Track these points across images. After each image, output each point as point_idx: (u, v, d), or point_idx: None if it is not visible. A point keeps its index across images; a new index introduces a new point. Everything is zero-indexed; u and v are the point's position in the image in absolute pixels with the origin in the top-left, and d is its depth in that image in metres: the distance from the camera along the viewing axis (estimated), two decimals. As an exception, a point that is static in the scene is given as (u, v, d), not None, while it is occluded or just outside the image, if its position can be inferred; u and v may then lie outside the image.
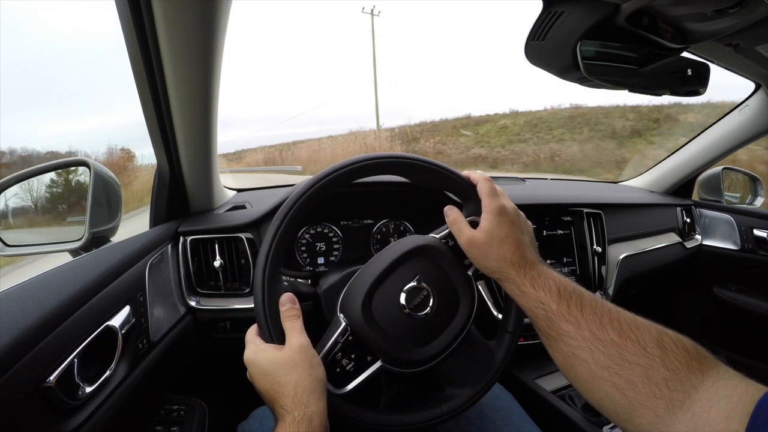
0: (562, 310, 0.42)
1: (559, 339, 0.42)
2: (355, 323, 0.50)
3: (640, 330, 0.38)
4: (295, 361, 0.43)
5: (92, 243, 0.71)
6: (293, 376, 0.42)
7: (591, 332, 0.40)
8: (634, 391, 0.35)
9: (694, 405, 0.33)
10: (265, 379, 0.44)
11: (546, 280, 0.45)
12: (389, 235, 0.97)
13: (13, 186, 0.74)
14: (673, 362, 0.35)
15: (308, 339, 0.45)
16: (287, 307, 0.47)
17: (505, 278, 0.47)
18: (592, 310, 0.42)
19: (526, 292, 0.45)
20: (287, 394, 0.41)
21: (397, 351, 0.49)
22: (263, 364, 0.44)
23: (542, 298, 0.44)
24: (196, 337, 0.78)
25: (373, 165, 0.50)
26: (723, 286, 1.32)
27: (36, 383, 0.41)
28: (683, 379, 0.34)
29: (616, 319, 0.40)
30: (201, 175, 0.81)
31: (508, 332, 0.56)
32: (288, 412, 0.40)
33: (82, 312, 0.49)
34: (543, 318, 0.43)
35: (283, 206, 0.48)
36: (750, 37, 0.71)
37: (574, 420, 0.76)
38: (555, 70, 0.60)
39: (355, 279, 0.54)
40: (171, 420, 0.69)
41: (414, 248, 0.53)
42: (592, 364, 0.39)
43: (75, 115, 68.52)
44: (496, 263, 0.48)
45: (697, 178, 1.39)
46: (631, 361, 0.37)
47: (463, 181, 0.53)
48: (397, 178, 0.53)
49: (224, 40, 0.57)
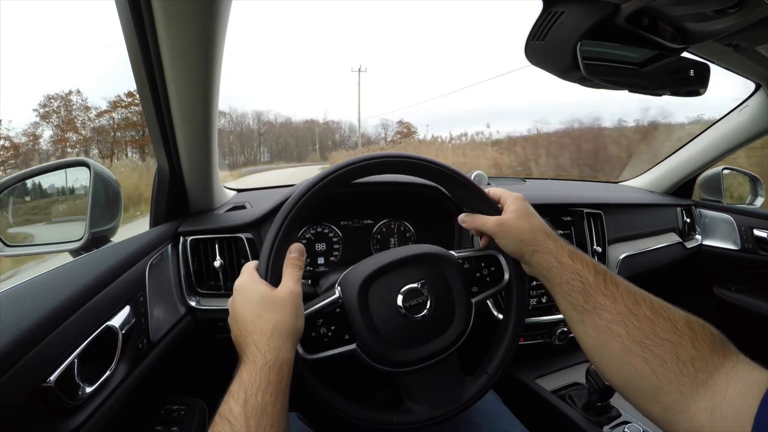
0: (599, 283, 0.43)
1: (595, 312, 0.42)
2: (348, 299, 0.50)
3: (670, 310, 0.40)
4: (283, 303, 0.43)
5: (92, 243, 0.71)
6: (276, 316, 0.42)
7: (626, 306, 0.41)
8: (663, 367, 0.36)
9: (715, 385, 0.34)
10: (247, 309, 0.43)
11: (582, 255, 0.47)
12: (389, 235, 0.96)
13: (13, 186, 0.74)
14: (700, 342, 0.36)
15: (301, 290, 0.46)
16: (294, 255, 0.48)
17: (541, 249, 0.48)
18: (625, 287, 0.43)
19: (564, 263, 0.46)
20: (265, 332, 0.41)
21: (375, 342, 0.49)
22: (252, 294, 0.44)
23: (580, 270, 0.45)
24: (196, 337, 0.78)
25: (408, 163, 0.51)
26: (723, 286, 1.32)
27: (36, 383, 0.41)
28: (708, 360, 0.35)
29: (648, 298, 0.42)
30: (201, 175, 0.81)
31: (486, 373, 0.54)
32: (261, 353, 0.40)
33: (82, 312, 0.49)
34: (580, 290, 0.44)
35: (338, 167, 0.49)
36: (750, 37, 0.71)
37: (574, 420, 0.76)
38: (555, 70, 0.60)
39: (364, 261, 0.54)
40: (171, 420, 0.69)
41: (430, 254, 0.54)
42: (626, 339, 0.39)
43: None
44: (530, 234, 0.49)
45: (697, 178, 1.39)
46: (663, 338, 0.38)
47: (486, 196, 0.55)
48: (397, 178, 0.53)
49: (224, 40, 0.57)
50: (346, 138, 67.89)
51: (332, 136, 69.50)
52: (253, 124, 61.45)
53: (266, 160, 57.56)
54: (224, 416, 0.36)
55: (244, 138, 59.58)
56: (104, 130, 32.48)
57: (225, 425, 0.35)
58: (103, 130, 32.42)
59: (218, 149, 0.79)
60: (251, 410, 0.36)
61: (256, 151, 60.45)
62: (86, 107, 31.84)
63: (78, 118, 31.40)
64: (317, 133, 67.22)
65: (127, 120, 32.24)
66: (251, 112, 65.42)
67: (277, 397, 0.38)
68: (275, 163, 51.48)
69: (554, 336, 0.92)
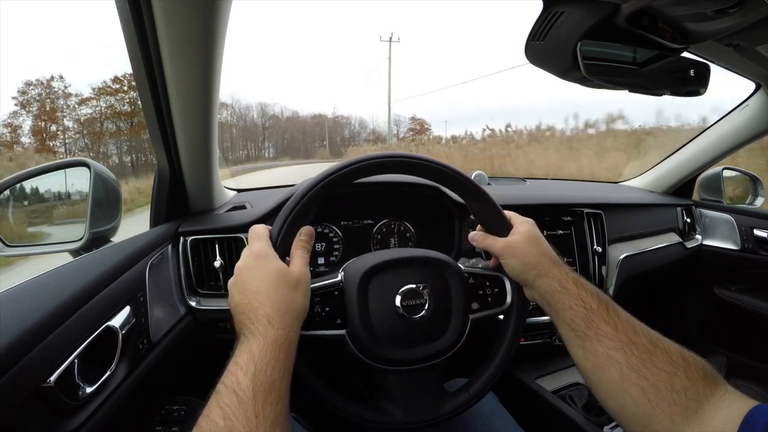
0: (601, 310, 0.44)
1: (596, 339, 0.43)
2: (349, 284, 0.50)
3: (666, 342, 0.42)
4: (297, 283, 0.43)
5: (92, 243, 0.70)
6: (291, 295, 0.42)
7: (626, 335, 0.42)
8: (658, 396, 0.38)
9: (704, 414, 0.36)
10: (263, 280, 0.42)
11: (585, 282, 0.48)
12: (389, 235, 0.97)
13: (13, 186, 0.74)
14: (693, 374, 0.38)
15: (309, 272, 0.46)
16: (304, 237, 0.48)
17: (545, 274, 0.48)
18: (625, 316, 0.44)
19: (569, 288, 0.47)
20: (280, 308, 0.40)
21: (365, 333, 0.49)
22: (270, 267, 0.43)
23: (584, 296, 0.46)
24: (196, 338, 0.78)
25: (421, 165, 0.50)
26: (723, 286, 1.32)
27: (36, 383, 0.41)
28: (699, 390, 0.37)
29: (645, 329, 0.43)
30: (201, 175, 0.81)
31: (468, 392, 0.53)
32: (273, 328, 0.39)
33: (83, 312, 0.48)
34: (582, 316, 0.45)
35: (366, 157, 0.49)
36: (750, 37, 0.71)
37: (575, 420, 0.76)
38: (555, 70, 0.60)
39: (373, 253, 0.55)
40: (171, 420, 0.69)
41: (438, 260, 0.54)
42: (624, 366, 0.40)
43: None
44: (536, 258, 0.49)
45: (697, 178, 1.39)
46: (659, 367, 0.39)
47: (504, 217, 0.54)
48: (397, 177, 0.53)
49: (225, 40, 0.57)
50: (356, 134, 66.45)
51: (341, 132, 67.87)
52: (258, 117, 60.00)
53: (271, 156, 55.84)
54: (231, 387, 0.36)
55: (248, 132, 58.09)
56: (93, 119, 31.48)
57: (231, 396, 0.35)
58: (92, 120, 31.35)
59: (218, 144, 0.79)
60: (260, 385, 0.36)
61: (261, 146, 58.77)
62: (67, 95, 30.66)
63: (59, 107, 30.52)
64: (327, 127, 65.39)
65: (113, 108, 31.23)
66: (255, 105, 63.12)
67: (283, 375, 0.38)
68: (280, 159, 49.33)
69: (554, 336, 0.92)
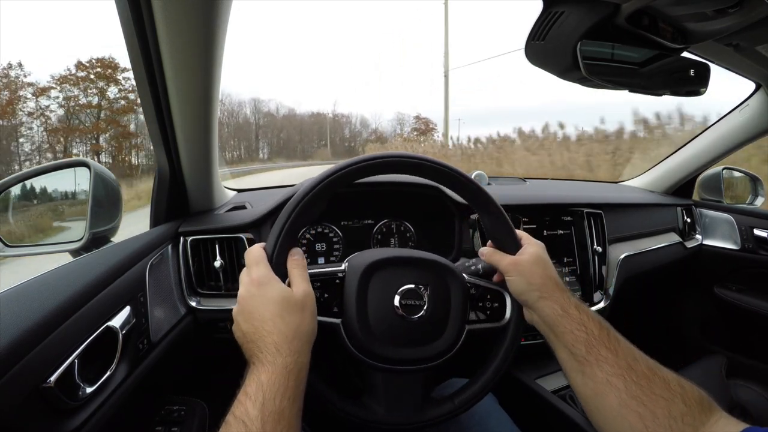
0: (603, 336, 0.45)
1: (596, 364, 0.43)
2: (350, 275, 0.51)
3: (664, 370, 0.43)
4: (303, 305, 0.43)
5: (92, 243, 0.70)
6: (297, 319, 0.41)
7: (626, 362, 0.43)
8: (655, 423, 0.38)
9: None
10: (266, 307, 0.41)
11: (587, 308, 0.48)
12: (390, 235, 0.97)
13: (13, 186, 0.74)
14: (690, 400, 0.39)
15: (312, 289, 0.45)
16: (297, 257, 0.47)
17: (548, 296, 0.49)
18: (625, 344, 0.45)
19: (571, 313, 0.47)
20: (287, 335, 0.40)
21: (359, 325, 0.49)
22: (273, 293, 0.42)
23: (586, 322, 0.46)
24: (196, 338, 0.78)
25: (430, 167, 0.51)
26: (723, 285, 1.32)
27: (36, 384, 0.41)
28: (695, 416, 0.38)
29: (644, 357, 0.44)
30: (201, 175, 0.81)
31: (452, 402, 0.53)
32: (282, 356, 0.39)
33: (83, 312, 0.49)
34: (584, 341, 0.45)
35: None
36: (750, 37, 0.71)
37: (575, 420, 0.76)
38: (555, 70, 0.60)
39: (379, 249, 0.55)
40: (171, 420, 0.69)
41: (442, 264, 0.54)
42: (623, 393, 0.41)
43: None
44: (541, 279, 0.49)
45: (697, 178, 1.39)
46: (657, 394, 0.39)
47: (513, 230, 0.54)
48: (397, 178, 0.53)
49: (224, 40, 0.57)
50: (357, 133, 64.16)
51: (341, 131, 65.35)
52: (251, 115, 56.96)
53: (264, 157, 53.18)
54: (239, 418, 0.36)
55: (240, 131, 55.21)
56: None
57: (240, 427, 0.35)
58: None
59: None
60: (269, 414, 0.36)
61: (255, 146, 55.79)
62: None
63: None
64: (327, 126, 62.91)
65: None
66: (248, 101, 59.29)
67: (293, 402, 0.38)
68: (273, 161, 46.59)
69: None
